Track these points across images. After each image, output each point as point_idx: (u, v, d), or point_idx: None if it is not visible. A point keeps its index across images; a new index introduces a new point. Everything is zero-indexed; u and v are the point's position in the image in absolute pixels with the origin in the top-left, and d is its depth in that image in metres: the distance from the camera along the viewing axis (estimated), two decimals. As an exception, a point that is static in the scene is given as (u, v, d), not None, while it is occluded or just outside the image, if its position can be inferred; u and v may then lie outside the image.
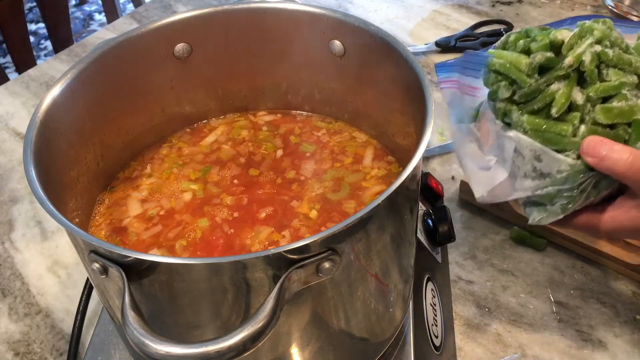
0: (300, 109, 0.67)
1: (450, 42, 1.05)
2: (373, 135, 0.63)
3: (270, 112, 0.67)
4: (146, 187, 0.59)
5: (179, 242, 0.53)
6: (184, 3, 1.23)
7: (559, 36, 0.49)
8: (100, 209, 0.57)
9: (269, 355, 0.46)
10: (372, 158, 0.61)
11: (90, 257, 0.40)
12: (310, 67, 0.62)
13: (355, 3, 1.20)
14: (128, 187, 0.59)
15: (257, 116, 0.67)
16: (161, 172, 0.61)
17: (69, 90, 0.51)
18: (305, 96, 0.65)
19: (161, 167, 0.61)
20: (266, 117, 0.67)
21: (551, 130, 0.49)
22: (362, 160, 0.60)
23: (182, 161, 0.62)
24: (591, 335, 0.64)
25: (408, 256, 0.51)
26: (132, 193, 0.59)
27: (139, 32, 0.56)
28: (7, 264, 0.76)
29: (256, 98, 0.67)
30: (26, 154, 0.44)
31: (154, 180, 0.60)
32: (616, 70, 0.49)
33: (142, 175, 0.61)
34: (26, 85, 1.04)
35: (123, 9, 2.75)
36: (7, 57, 2.61)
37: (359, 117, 0.64)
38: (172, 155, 0.62)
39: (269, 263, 0.38)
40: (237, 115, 0.67)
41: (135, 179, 0.60)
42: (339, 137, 0.63)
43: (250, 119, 0.66)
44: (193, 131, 0.65)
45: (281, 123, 0.66)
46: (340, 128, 0.64)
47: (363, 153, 0.61)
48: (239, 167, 0.60)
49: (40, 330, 0.68)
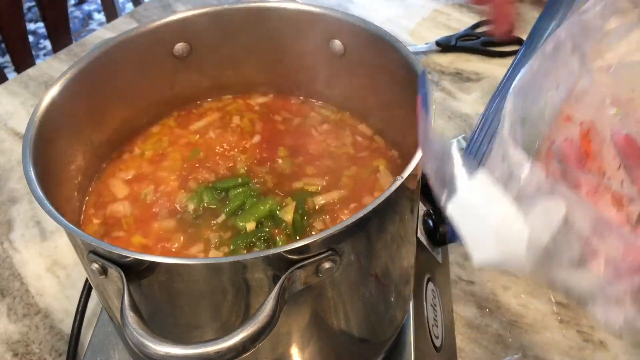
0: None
1: (451, 42, 1.05)
2: (374, 132, 0.63)
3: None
4: (132, 173, 0.59)
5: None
6: (183, 2, 1.23)
7: None
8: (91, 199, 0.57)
9: (269, 355, 0.46)
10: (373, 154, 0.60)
11: (89, 258, 0.40)
12: (311, 67, 0.61)
13: (355, 2, 1.20)
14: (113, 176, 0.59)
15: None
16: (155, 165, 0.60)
17: (68, 90, 0.51)
18: (305, 96, 0.65)
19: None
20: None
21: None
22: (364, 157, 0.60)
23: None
24: (592, 335, 0.64)
25: (408, 256, 0.51)
26: (118, 180, 0.58)
27: (139, 31, 0.56)
28: (6, 264, 0.76)
29: (256, 97, 0.66)
30: (25, 154, 0.44)
31: (143, 169, 0.60)
32: None
33: (132, 159, 0.60)
34: (25, 85, 1.04)
35: (122, 8, 2.75)
36: (6, 57, 2.61)
37: (359, 117, 0.63)
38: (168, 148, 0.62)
39: (269, 263, 0.38)
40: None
41: (123, 168, 0.60)
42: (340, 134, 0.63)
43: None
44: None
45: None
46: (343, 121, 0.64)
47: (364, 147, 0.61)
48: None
49: (40, 330, 0.68)
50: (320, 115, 0.64)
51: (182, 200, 0.55)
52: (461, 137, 0.87)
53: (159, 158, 0.60)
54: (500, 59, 1.03)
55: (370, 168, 0.58)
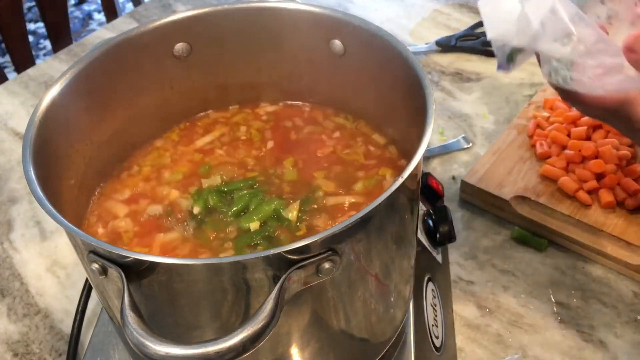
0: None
1: (451, 42, 1.05)
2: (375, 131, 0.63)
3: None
4: (139, 182, 0.59)
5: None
6: (183, 2, 1.23)
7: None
8: (94, 208, 0.57)
9: (269, 355, 0.46)
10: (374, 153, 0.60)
11: (89, 258, 0.40)
12: (311, 67, 0.61)
13: (355, 2, 1.20)
14: (119, 183, 0.59)
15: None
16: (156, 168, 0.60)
17: (68, 90, 0.51)
18: (305, 95, 0.65)
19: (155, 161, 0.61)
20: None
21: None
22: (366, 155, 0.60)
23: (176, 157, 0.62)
24: (592, 335, 0.64)
25: (408, 256, 0.51)
26: (123, 189, 0.58)
27: (139, 31, 0.56)
28: (6, 264, 0.76)
29: (256, 97, 0.66)
30: (25, 154, 0.44)
31: (146, 176, 0.59)
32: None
33: (134, 173, 0.60)
34: (25, 85, 1.04)
35: (122, 8, 2.75)
36: (6, 57, 2.60)
37: (358, 117, 0.63)
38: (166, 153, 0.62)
39: (269, 263, 0.38)
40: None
41: (128, 176, 0.60)
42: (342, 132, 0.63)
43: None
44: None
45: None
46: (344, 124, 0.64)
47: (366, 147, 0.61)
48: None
49: (40, 330, 0.68)
50: (334, 123, 0.64)
51: (188, 203, 0.55)
52: (461, 137, 0.87)
53: (159, 173, 0.60)
54: (500, 59, 1.03)
55: (377, 177, 0.58)
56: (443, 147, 0.86)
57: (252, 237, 0.51)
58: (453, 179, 0.82)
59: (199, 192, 0.56)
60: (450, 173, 0.83)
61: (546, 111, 0.86)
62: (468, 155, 0.85)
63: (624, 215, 0.71)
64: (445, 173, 0.83)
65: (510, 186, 0.75)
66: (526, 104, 0.89)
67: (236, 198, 0.55)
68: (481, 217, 0.76)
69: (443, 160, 0.85)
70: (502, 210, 0.75)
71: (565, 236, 0.71)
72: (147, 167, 0.61)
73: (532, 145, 0.81)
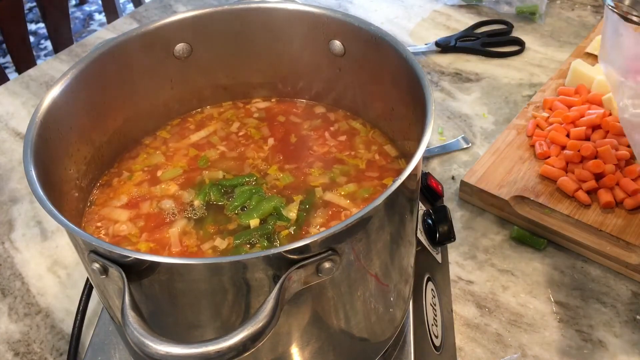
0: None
1: (450, 42, 1.05)
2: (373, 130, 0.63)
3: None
4: (138, 182, 0.59)
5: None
6: (183, 3, 1.23)
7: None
8: (93, 207, 0.57)
9: (269, 355, 0.46)
10: (374, 152, 0.60)
11: (90, 257, 0.40)
12: (311, 67, 0.62)
13: (355, 3, 1.20)
14: (119, 183, 0.59)
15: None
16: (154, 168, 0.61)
17: (69, 90, 0.51)
18: (305, 95, 0.65)
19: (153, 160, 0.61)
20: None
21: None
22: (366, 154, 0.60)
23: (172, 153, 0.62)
24: (591, 335, 0.64)
25: (408, 256, 0.51)
26: (123, 189, 0.58)
27: (139, 32, 0.56)
28: (7, 264, 0.76)
29: (256, 97, 0.66)
30: (26, 154, 0.44)
31: (145, 176, 0.60)
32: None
33: (134, 170, 0.60)
34: (26, 85, 1.04)
35: (123, 9, 2.75)
36: (7, 57, 2.61)
37: (358, 117, 0.63)
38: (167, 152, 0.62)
39: (269, 263, 0.38)
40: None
41: (126, 177, 0.60)
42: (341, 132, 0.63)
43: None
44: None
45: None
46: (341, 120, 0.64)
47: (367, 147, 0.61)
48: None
49: (40, 330, 0.68)
50: (334, 123, 0.64)
51: (189, 197, 0.56)
52: (461, 137, 0.88)
53: (155, 171, 0.60)
54: (499, 59, 1.03)
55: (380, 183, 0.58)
56: (442, 147, 0.86)
57: (251, 235, 0.51)
58: (452, 179, 0.82)
59: (200, 185, 0.57)
60: (449, 173, 0.83)
61: (545, 111, 0.86)
62: (467, 155, 0.86)
63: (623, 215, 0.72)
64: (444, 173, 0.83)
65: (509, 186, 0.76)
66: (525, 104, 0.89)
67: (237, 193, 0.55)
68: (480, 217, 0.77)
69: (442, 160, 0.85)
70: (501, 210, 0.75)
71: (565, 236, 0.71)
72: (141, 165, 0.61)
73: (531, 146, 0.81)
